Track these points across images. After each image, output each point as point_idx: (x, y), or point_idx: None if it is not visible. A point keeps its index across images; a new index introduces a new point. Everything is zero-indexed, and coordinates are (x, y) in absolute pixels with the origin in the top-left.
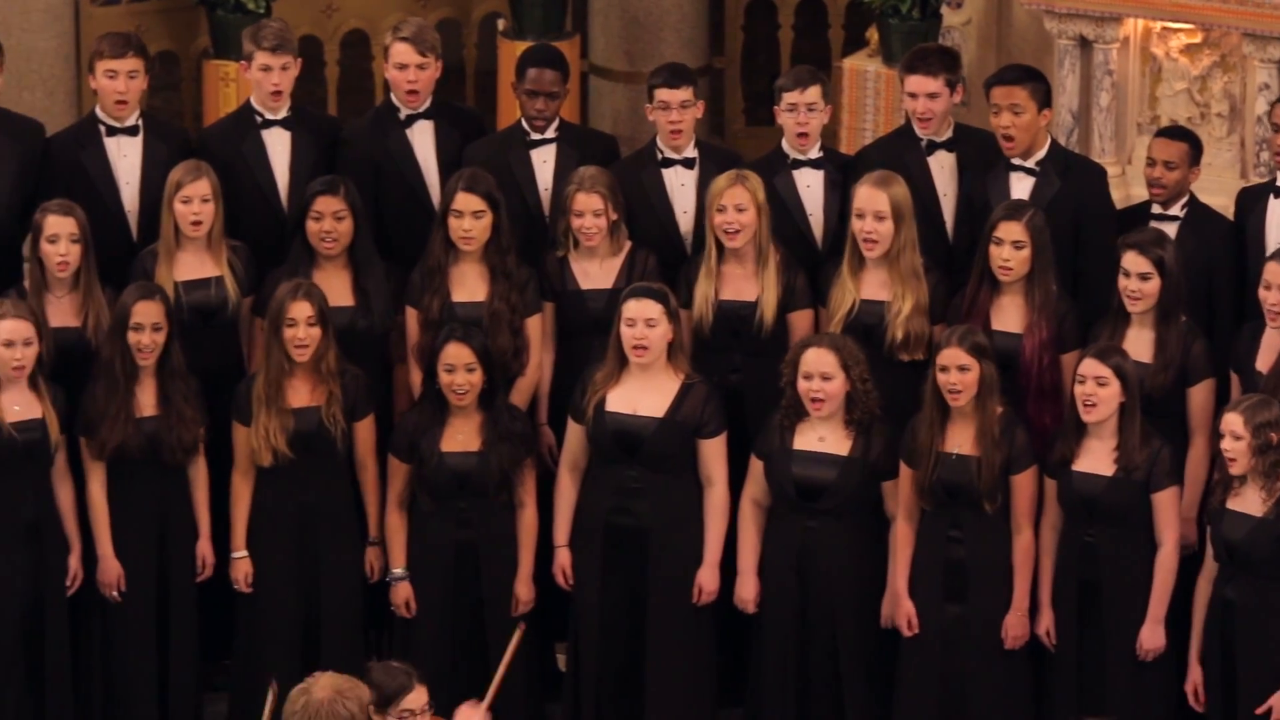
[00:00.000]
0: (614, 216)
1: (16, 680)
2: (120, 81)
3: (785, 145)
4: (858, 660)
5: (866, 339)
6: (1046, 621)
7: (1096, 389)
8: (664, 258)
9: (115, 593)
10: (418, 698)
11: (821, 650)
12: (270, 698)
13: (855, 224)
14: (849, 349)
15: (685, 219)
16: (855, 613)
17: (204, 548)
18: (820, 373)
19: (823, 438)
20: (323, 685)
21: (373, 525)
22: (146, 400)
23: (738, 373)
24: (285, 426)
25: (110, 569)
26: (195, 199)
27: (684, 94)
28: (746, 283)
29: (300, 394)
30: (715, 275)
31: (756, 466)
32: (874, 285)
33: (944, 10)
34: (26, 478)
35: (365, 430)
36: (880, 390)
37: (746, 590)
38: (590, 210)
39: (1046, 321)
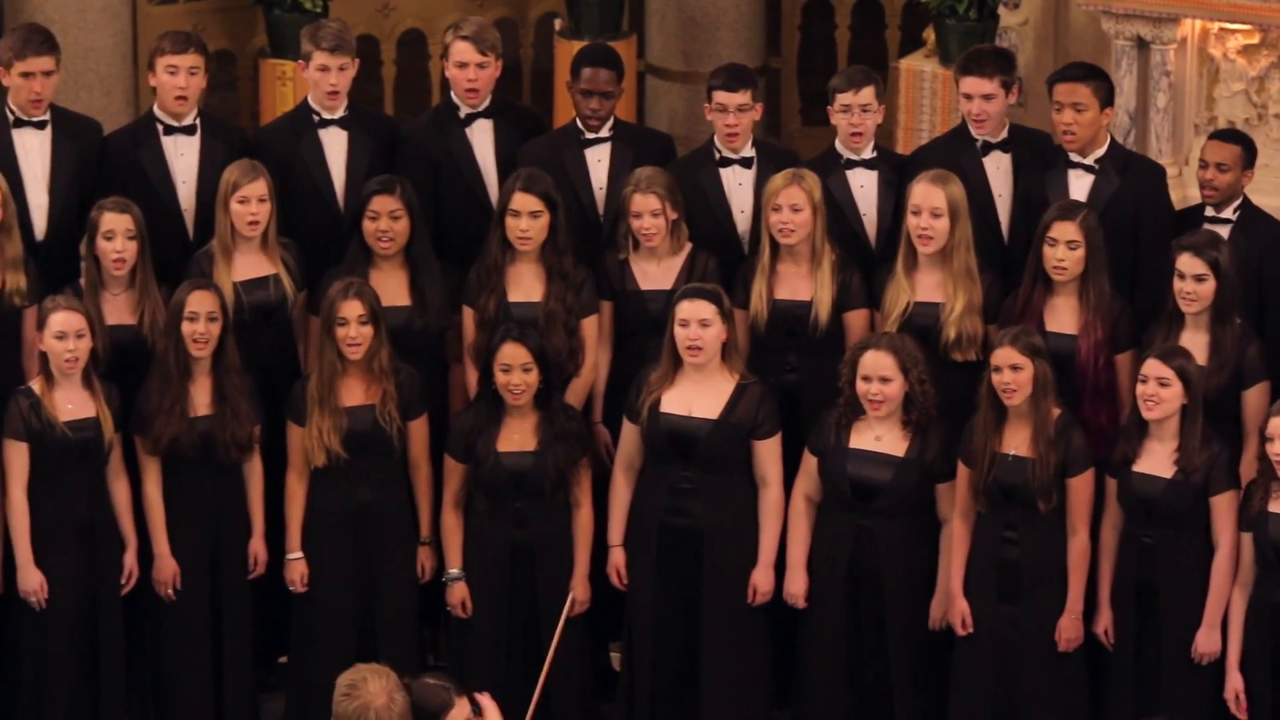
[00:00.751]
0: (673, 216)
1: (71, 680)
2: (181, 78)
3: (839, 145)
4: (908, 661)
5: (921, 340)
6: (1106, 620)
7: (1158, 389)
8: (721, 257)
9: (170, 591)
10: (459, 712)
11: (871, 651)
12: None
13: (910, 220)
14: (908, 350)
15: (742, 219)
16: (906, 613)
17: (256, 545)
18: (879, 375)
19: (879, 437)
20: (375, 690)
21: (424, 525)
22: (201, 399)
23: (793, 372)
24: (339, 426)
25: (166, 567)
26: (253, 199)
27: (741, 97)
28: (801, 282)
29: (354, 393)
30: (770, 274)
31: (810, 462)
32: (928, 286)
33: (1001, 11)
34: (81, 476)
35: (419, 429)
36: (936, 391)
37: (796, 585)
38: (648, 211)
39: (1101, 322)
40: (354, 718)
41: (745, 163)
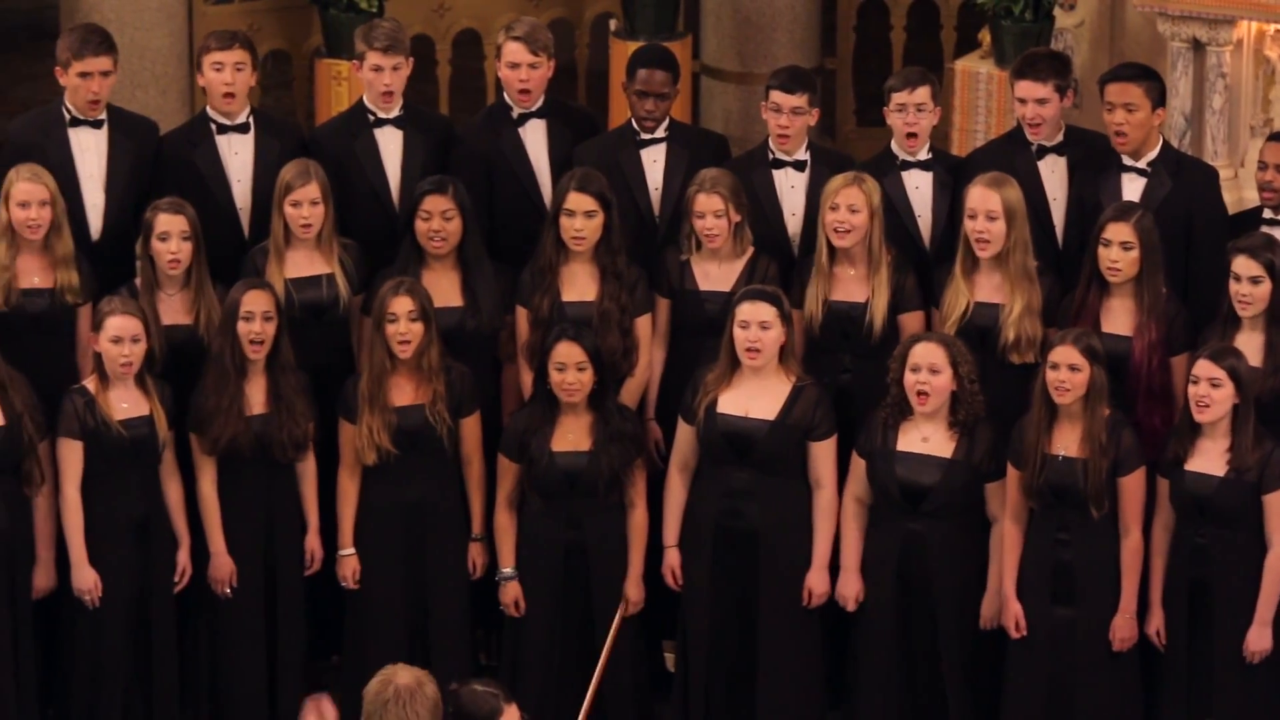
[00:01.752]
0: (736, 218)
1: (124, 678)
2: (227, 73)
3: (894, 146)
4: (960, 662)
5: (980, 342)
6: (1157, 621)
7: (1210, 390)
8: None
9: (226, 589)
10: (509, 718)
11: (923, 652)
12: None
13: (967, 224)
14: (959, 347)
15: (794, 221)
16: (958, 615)
17: (313, 541)
18: (928, 365)
19: (926, 438)
20: (404, 674)
21: (476, 522)
22: (256, 398)
23: (848, 373)
24: (389, 424)
25: (223, 565)
26: (305, 202)
27: (796, 100)
28: (857, 284)
29: (405, 392)
30: (826, 275)
31: (859, 465)
32: (987, 288)
33: (1057, 12)
34: (135, 475)
35: (471, 427)
36: (992, 393)
37: (849, 588)
38: (711, 211)
39: (1156, 323)
40: (375, 690)
41: (799, 165)
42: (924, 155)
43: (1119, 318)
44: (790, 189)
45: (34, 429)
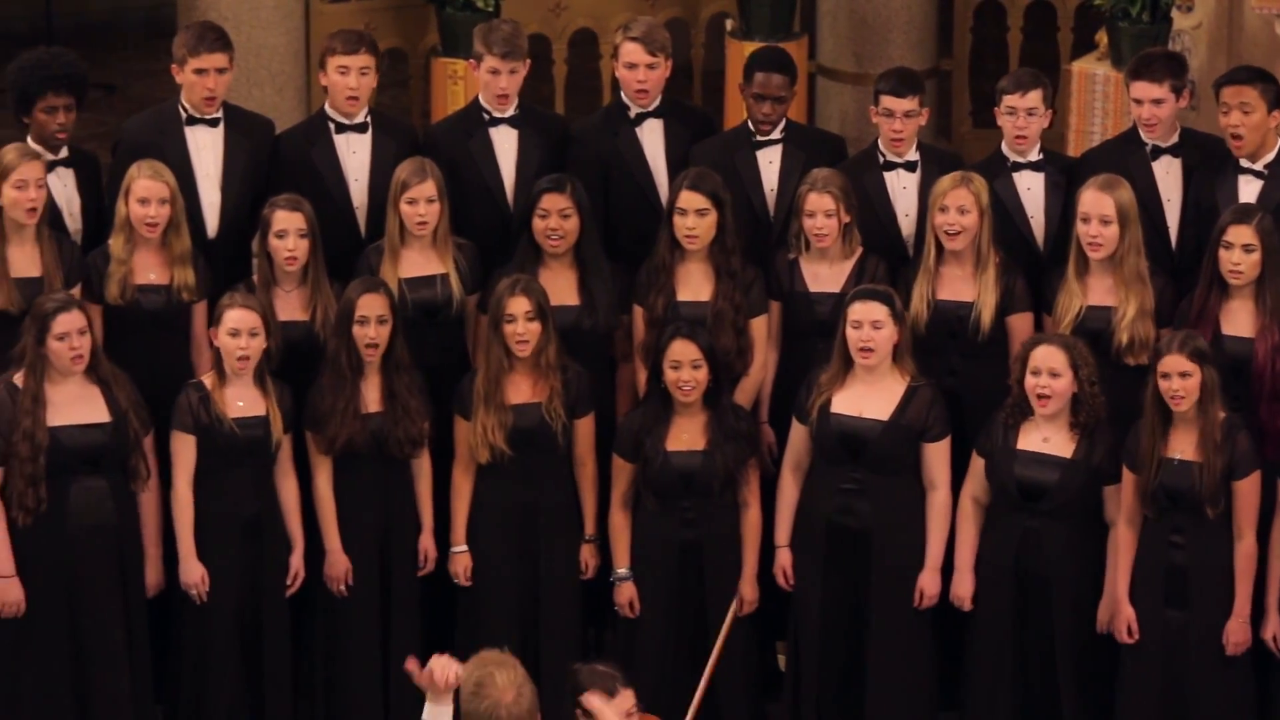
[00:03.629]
0: (846, 219)
1: (231, 675)
2: (352, 77)
3: (1005, 148)
4: (1074, 663)
5: (1094, 345)
6: (1274, 626)
7: None
8: (885, 261)
9: (342, 587)
10: (624, 701)
11: (1038, 652)
12: None
13: (1080, 228)
14: (1079, 350)
15: (907, 222)
16: (1073, 615)
17: (426, 541)
18: (1049, 369)
19: (1047, 438)
20: (502, 685)
21: (589, 523)
22: (372, 396)
23: (955, 375)
24: (504, 423)
25: (338, 563)
26: (421, 200)
27: (909, 103)
28: (964, 284)
29: (521, 390)
30: (934, 275)
31: (978, 464)
32: (1100, 291)
33: (1174, 13)
34: (246, 473)
35: (585, 427)
36: (1108, 395)
37: (963, 587)
38: (821, 210)
39: (1278, 325)
40: (485, 718)
41: (909, 166)
42: (1035, 156)
43: (1239, 320)
44: (903, 190)
45: (138, 425)
